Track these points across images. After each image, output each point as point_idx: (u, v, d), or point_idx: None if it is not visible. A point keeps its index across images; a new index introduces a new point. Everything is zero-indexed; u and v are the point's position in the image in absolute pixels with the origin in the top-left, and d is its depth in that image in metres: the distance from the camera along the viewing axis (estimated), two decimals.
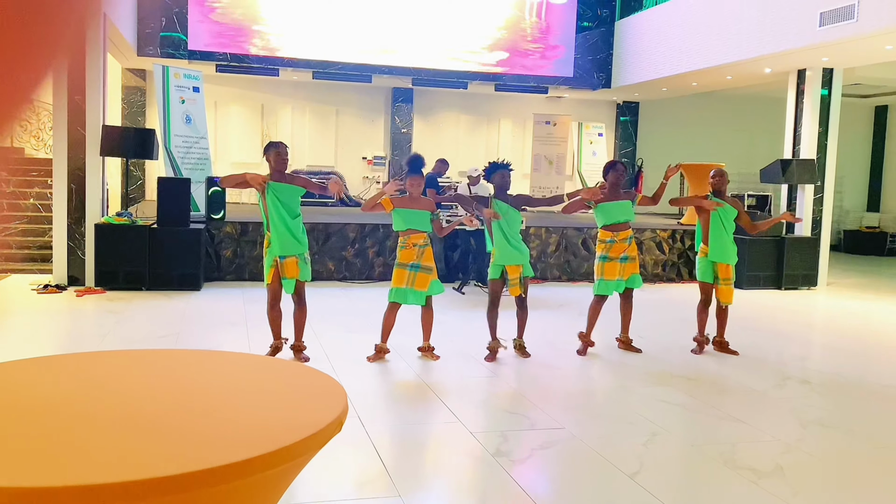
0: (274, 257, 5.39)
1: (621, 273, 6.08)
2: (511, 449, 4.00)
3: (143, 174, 13.85)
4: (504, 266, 5.80)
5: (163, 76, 10.22)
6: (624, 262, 6.07)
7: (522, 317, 5.97)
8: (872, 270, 13.32)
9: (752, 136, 16.20)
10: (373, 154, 15.11)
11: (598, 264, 6.15)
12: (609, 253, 6.07)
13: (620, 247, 6.06)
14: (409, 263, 5.56)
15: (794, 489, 3.56)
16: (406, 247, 5.58)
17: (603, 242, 6.12)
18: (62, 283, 8.46)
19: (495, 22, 13.59)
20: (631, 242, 6.12)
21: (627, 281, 6.10)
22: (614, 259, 6.06)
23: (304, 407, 2.09)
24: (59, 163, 8.57)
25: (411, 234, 5.58)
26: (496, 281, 5.87)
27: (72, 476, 1.59)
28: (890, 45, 9.15)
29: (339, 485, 3.50)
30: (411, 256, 5.56)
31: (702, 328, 6.38)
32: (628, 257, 6.09)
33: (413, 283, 5.56)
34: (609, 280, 6.09)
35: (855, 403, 5.10)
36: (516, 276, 5.81)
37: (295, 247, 5.39)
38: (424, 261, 5.58)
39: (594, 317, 6.19)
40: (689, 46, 11.75)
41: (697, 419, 4.67)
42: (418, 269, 5.57)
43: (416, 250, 5.56)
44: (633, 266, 6.12)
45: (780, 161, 10.50)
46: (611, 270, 6.07)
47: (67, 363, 2.59)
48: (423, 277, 5.58)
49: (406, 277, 5.56)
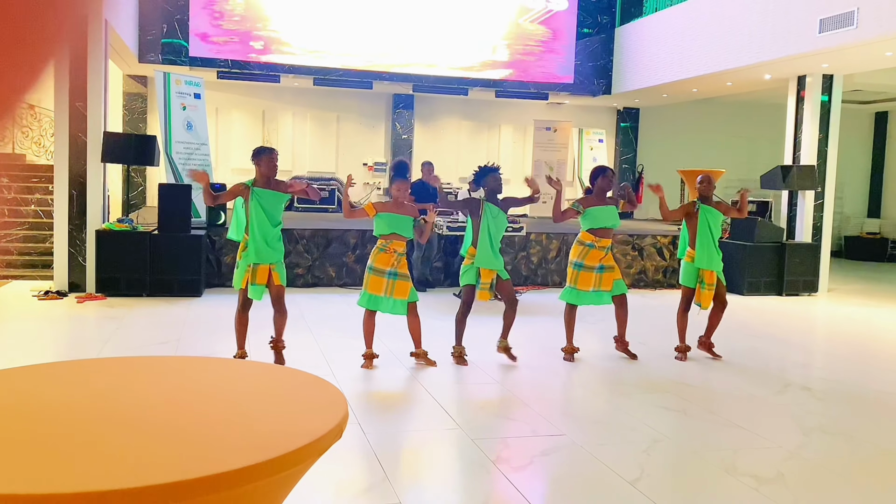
0: (249, 263, 5.36)
1: (597, 284, 6.01)
2: (512, 455, 4.00)
3: (144, 181, 13.87)
4: (479, 269, 5.79)
5: (164, 83, 10.24)
6: (601, 273, 6.01)
7: (510, 318, 5.94)
8: (873, 276, 13.31)
9: (752, 142, 16.22)
10: (374, 160, 15.12)
11: (572, 271, 6.08)
12: (585, 260, 6.00)
13: (597, 254, 6.01)
14: (386, 270, 5.52)
15: (796, 496, 3.55)
16: (386, 251, 5.54)
17: (581, 245, 6.06)
18: (63, 290, 8.46)
19: (496, 28, 13.62)
20: (608, 253, 6.10)
21: (612, 290, 6.07)
22: (590, 269, 6.00)
23: (305, 414, 2.09)
24: (60, 169, 8.58)
25: (394, 240, 5.56)
26: (471, 287, 5.84)
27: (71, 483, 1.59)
28: (890, 52, 9.16)
29: (340, 491, 3.49)
30: (389, 262, 5.52)
31: (682, 335, 6.37)
32: (605, 267, 6.02)
33: (392, 291, 5.53)
34: (582, 290, 6.03)
35: (856, 410, 5.10)
36: (488, 281, 5.80)
37: (270, 255, 5.36)
38: (401, 268, 5.56)
39: (570, 325, 6.16)
40: (689, 53, 11.77)
41: (698, 426, 4.66)
42: (396, 276, 5.53)
43: (395, 257, 5.54)
44: (613, 274, 6.06)
45: (780, 167, 10.51)
46: (585, 280, 6.01)
47: (68, 370, 2.59)
48: (403, 285, 5.55)
49: (384, 286, 5.52)
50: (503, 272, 5.86)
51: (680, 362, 6.23)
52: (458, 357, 5.90)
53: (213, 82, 12.91)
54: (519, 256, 10.27)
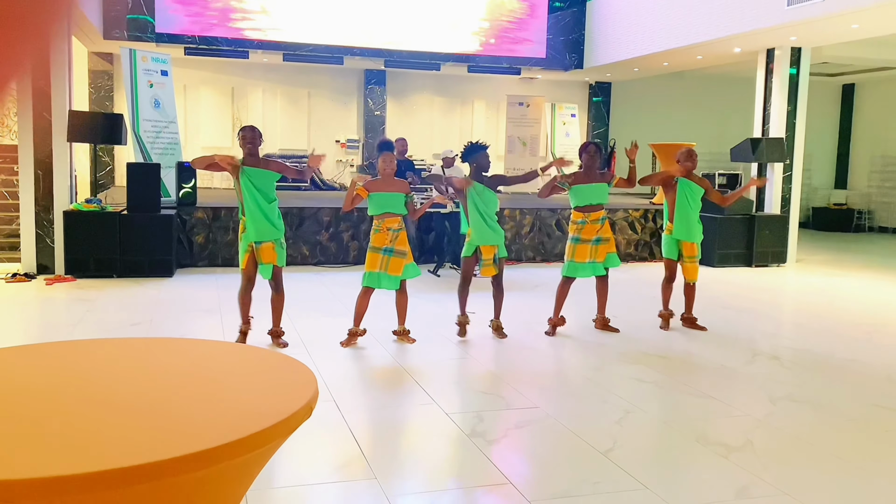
0: (249, 242, 5.36)
1: (593, 255, 6.08)
2: (487, 429, 4.04)
3: (112, 160, 13.64)
4: (479, 246, 5.82)
5: (130, 60, 10.05)
6: (597, 245, 6.08)
7: (499, 297, 6.01)
8: (840, 247, 13.55)
9: (722, 115, 16.34)
10: (346, 137, 15.01)
11: (570, 246, 6.16)
12: (581, 234, 6.08)
13: (592, 228, 6.07)
14: (382, 247, 5.54)
15: (764, 462, 3.63)
16: (380, 230, 5.56)
17: (575, 223, 6.14)
18: (31, 272, 8.33)
19: (467, 2, 13.51)
20: (604, 223, 6.13)
21: (605, 262, 6.13)
22: (586, 241, 6.07)
23: (274, 394, 2.09)
24: (24, 149, 8.41)
25: (386, 218, 5.56)
26: (469, 259, 5.89)
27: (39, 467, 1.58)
28: (856, 24, 9.25)
29: (317, 469, 3.51)
30: (384, 240, 5.54)
31: (666, 302, 6.49)
32: (601, 239, 6.09)
33: (387, 267, 5.55)
34: (580, 262, 6.10)
35: (823, 378, 5.21)
36: (490, 257, 5.83)
37: (271, 232, 5.36)
38: (398, 245, 5.56)
39: (562, 297, 6.23)
40: (660, 26, 11.78)
41: (670, 396, 4.74)
42: (392, 253, 5.55)
43: (390, 234, 5.54)
44: (608, 247, 6.12)
45: (749, 140, 10.62)
46: (581, 253, 6.08)
47: (37, 352, 2.56)
48: (397, 262, 5.57)
49: (380, 261, 5.55)
50: (503, 249, 5.91)
51: (651, 334, 6.31)
52: (461, 327, 5.98)
53: (180, 59, 12.68)
54: None
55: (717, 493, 3.29)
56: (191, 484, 1.70)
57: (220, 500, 1.92)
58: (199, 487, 1.75)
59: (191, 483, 1.70)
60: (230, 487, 1.92)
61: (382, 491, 3.23)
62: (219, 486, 1.85)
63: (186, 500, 1.77)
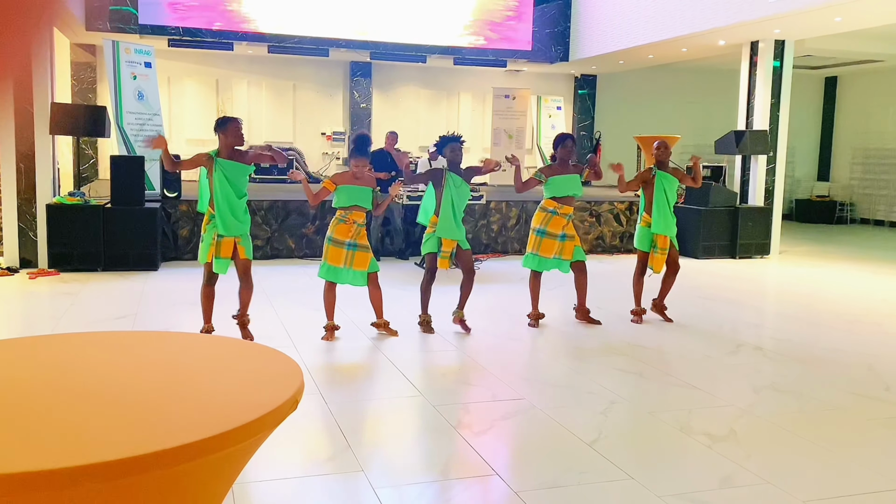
0: (213, 235, 5.29)
1: (559, 252, 6.08)
2: (472, 421, 4.06)
3: (95, 153, 13.53)
4: (440, 238, 5.81)
5: (113, 51, 9.95)
6: (563, 241, 6.08)
7: (468, 289, 5.96)
8: (823, 238, 13.67)
9: (707, 107, 16.41)
10: (332, 129, 14.95)
11: (534, 238, 6.12)
12: (548, 227, 6.06)
13: (560, 221, 6.07)
14: (346, 241, 5.50)
15: (748, 451, 3.68)
16: (346, 222, 5.51)
17: (544, 211, 6.11)
18: (14, 266, 8.26)
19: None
20: (570, 221, 6.15)
21: (573, 257, 6.15)
22: (553, 235, 6.06)
23: (260, 387, 2.10)
24: (6, 142, 8.32)
25: (353, 211, 5.54)
26: (434, 254, 5.84)
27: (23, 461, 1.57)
28: (839, 17, 9.32)
29: (302, 461, 3.51)
30: (348, 233, 5.50)
31: (638, 299, 6.50)
32: (567, 236, 6.08)
33: (352, 262, 5.52)
34: (544, 257, 6.10)
35: (805, 368, 5.27)
36: (449, 250, 5.81)
37: (237, 227, 5.29)
38: (361, 239, 5.55)
39: (535, 291, 6.24)
40: (645, 19, 11.81)
41: (654, 387, 4.78)
42: (356, 248, 5.52)
43: (355, 227, 5.52)
44: (573, 243, 6.12)
45: (733, 132, 10.68)
46: (548, 247, 6.07)
47: (20, 346, 2.55)
48: (362, 256, 5.54)
49: (344, 257, 5.51)
50: (464, 242, 5.88)
51: (636, 325, 6.36)
52: (424, 325, 5.92)
53: (164, 51, 12.58)
54: (479, 224, 10.31)
55: (702, 482, 3.33)
56: (176, 477, 1.70)
57: (205, 493, 1.92)
58: (184, 480, 1.76)
59: (176, 476, 1.70)
60: (216, 480, 1.92)
61: (369, 483, 3.24)
62: (204, 479, 1.85)
63: (172, 492, 1.77)
